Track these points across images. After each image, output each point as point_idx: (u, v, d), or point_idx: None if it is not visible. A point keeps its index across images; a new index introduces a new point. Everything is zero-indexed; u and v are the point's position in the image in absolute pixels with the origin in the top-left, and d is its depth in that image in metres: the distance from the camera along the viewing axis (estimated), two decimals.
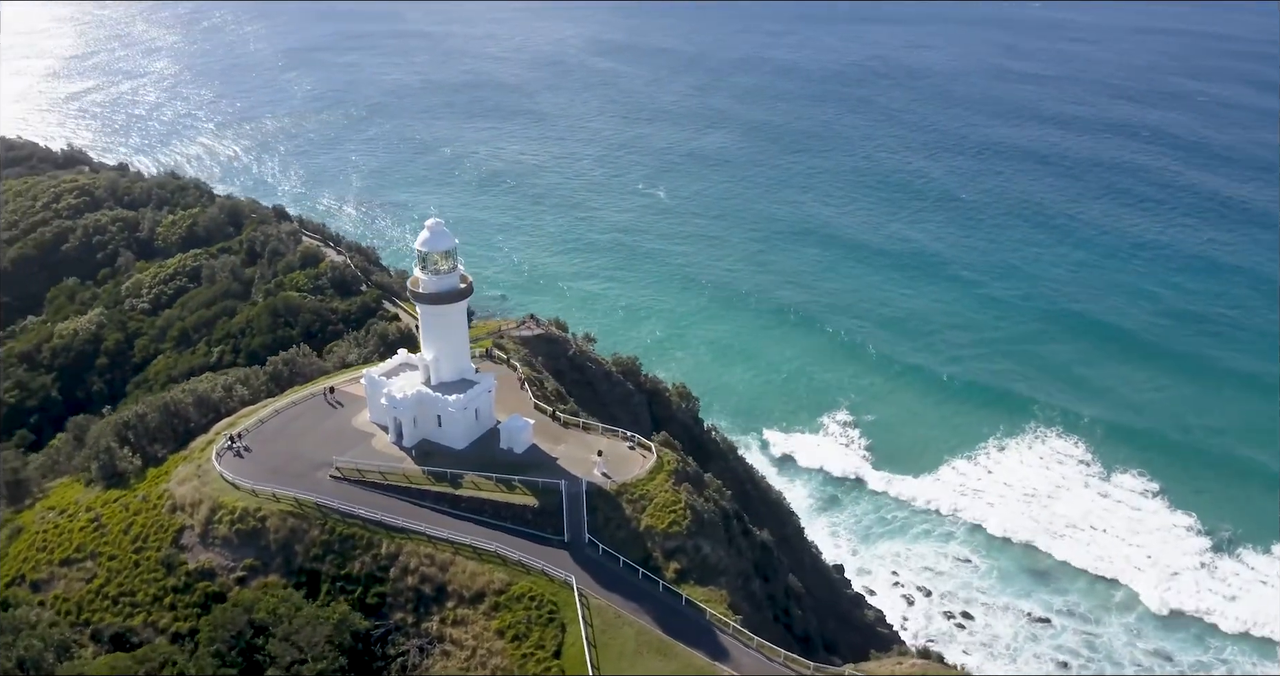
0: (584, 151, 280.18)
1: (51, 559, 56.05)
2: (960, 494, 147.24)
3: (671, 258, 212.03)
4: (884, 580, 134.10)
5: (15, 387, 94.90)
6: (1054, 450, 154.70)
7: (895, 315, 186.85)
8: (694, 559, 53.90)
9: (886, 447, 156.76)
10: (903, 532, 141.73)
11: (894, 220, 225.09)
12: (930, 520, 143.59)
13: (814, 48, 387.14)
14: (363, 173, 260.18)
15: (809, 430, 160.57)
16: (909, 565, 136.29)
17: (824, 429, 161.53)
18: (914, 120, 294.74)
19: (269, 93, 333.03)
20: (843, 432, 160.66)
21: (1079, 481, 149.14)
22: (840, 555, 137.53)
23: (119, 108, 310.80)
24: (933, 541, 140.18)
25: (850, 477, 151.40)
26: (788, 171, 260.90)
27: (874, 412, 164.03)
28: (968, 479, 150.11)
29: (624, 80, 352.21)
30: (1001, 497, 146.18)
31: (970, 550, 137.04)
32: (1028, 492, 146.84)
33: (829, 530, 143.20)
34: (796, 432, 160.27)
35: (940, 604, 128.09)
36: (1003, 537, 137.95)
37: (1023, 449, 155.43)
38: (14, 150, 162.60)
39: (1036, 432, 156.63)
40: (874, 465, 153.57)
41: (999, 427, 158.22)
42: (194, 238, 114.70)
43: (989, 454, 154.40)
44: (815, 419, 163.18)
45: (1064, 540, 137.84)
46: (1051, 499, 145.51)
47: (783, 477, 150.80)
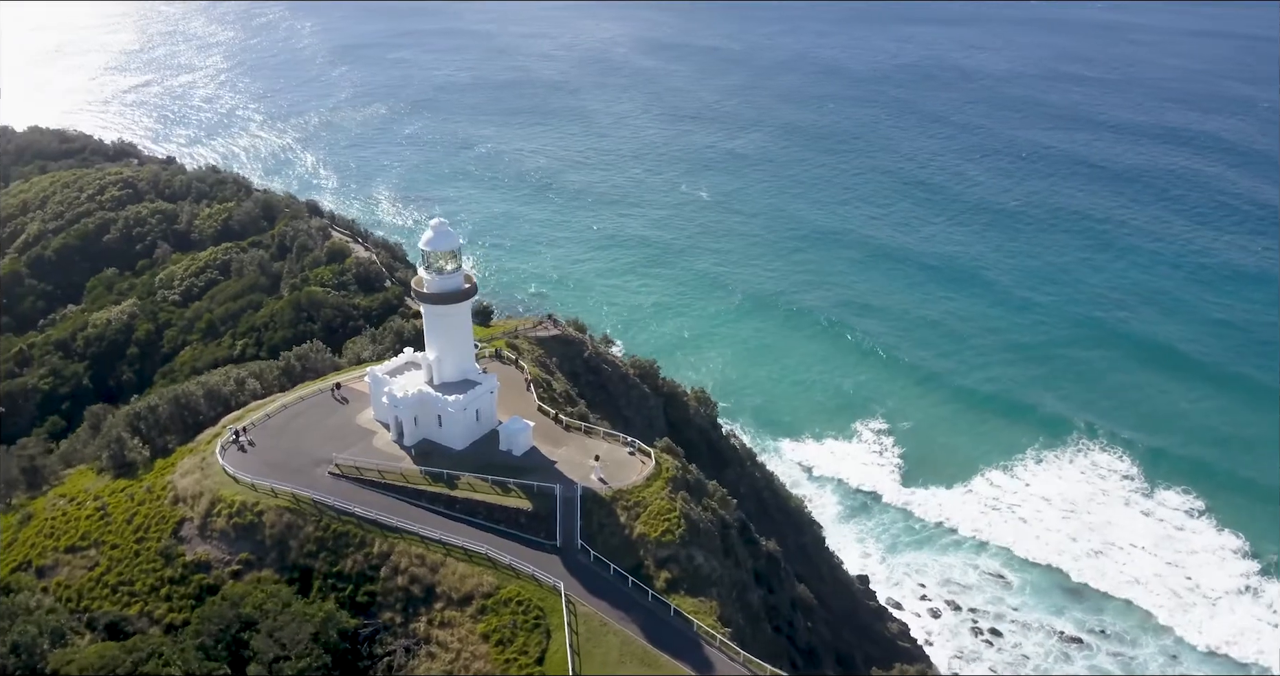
0: (627, 149, 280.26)
1: (58, 546, 57.19)
2: (993, 507, 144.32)
3: (708, 257, 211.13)
4: (911, 592, 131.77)
5: (50, 375, 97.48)
6: (1095, 464, 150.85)
7: (932, 322, 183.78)
8: (686, 568, 53.11)
9: (919, 456, 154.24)
10: (932, 543, 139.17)
11: (933, 225, 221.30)
12: (961, 532, 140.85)
13: (861, 47, 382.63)
14: (403, 168, 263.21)
15: (841, 436, 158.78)
16: (938, 577, 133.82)
17: (856, 436, 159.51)
18: (959, 122, 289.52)
19: (317, 88, 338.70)
20: (876, 440, 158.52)
21: (1120, 497, 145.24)
22: (867, 565, 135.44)
23: (172, 101, 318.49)
24: (963, 553, 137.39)
25: (880, 486, 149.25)
26: (829, 172, 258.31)
27: (908, 420, 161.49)
28: (1002, 491, 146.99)
29: (669, 78, 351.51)
30: (1037, 512, 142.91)
31: (1002, 564, 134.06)
32: (1065, 507, 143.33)
33: (856, 538, 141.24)
34: (829, 439, 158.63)
35: (968, 619, 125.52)
36: (1037, 553, 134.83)
37: (1062, 462, 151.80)
38: (68, 143, 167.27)
39: (1077, 445, 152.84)
40: (905, 473, 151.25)
41: (1037, 439, 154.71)
42: (229, 231, 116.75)
43: (1026, 466, 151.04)
44: (848, 425, 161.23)
45: (1101, 558, 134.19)
46: (1090, 514, 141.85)
47: (811, 484, 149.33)
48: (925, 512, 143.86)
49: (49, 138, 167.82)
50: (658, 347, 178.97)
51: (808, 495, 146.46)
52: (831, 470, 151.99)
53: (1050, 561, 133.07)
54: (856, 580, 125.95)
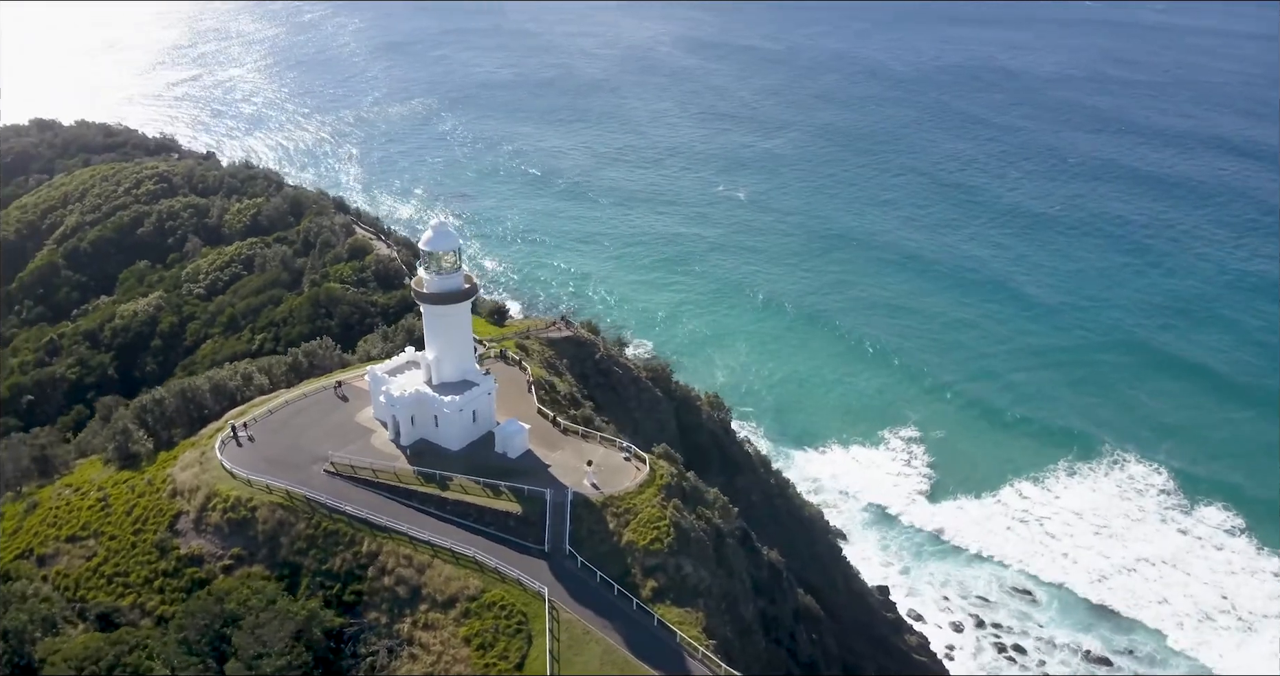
0: (665, 147, 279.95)
1: (59, 535, 58.13)
2: (1021, 520, 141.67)
3: (742, 257, 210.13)
4: (933, 604, 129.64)
5: (77, 364, 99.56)
6: (1130, 478, 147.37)
7: (965, 329, 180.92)
8: (673, 578, 52.32)
9: (948, 465, 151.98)
10: (958, 555, 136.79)
11: (970, 229, 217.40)
12: (988, 544, 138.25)
13: (903, 48, 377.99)
14: (439, 164, 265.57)
15: (869, 444, 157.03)
16: (962, 590, 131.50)
17: (884, 443, 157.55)
18: (1000, 125, 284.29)
19: (357, 84, 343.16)
20: (905, 448, 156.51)
21: (1155, 513, 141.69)
22: (889, 575, 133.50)
23: (216, 96, 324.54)
24: (989, 566, 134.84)
25: (907, 494, 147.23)
26: (866, 173, 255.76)
27: (938, 429, 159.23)
28: (1032, 503, 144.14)
29: (709, 77, 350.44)
30: (1067, 526, 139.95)
31: (1029, 578, 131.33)
32: (1097, 522, 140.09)
33: (880, 546, 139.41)
34: (855, 446, 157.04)
35: (991, 634, 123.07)
36: (1065, 568, 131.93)
37: (1096, 475, 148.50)
38: (112, 136, 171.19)
39: (1112, 458, 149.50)
40: (934, 482, 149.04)
41: (1070, 451, 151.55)
42: (257, 226, 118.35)
43: (1057, 478, 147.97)
44: (875, 432, 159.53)
45: (1133, 575, 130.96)
46: (1124, 530, 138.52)
47: (834, 491, 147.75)
48: (952, 522, 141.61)
49: (94, 131, 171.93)
50: (685, 347, 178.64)
51: (831, 502, 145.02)
52: (857, 477, 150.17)
53: (1079, 577, 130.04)
54: (875, 590, 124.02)
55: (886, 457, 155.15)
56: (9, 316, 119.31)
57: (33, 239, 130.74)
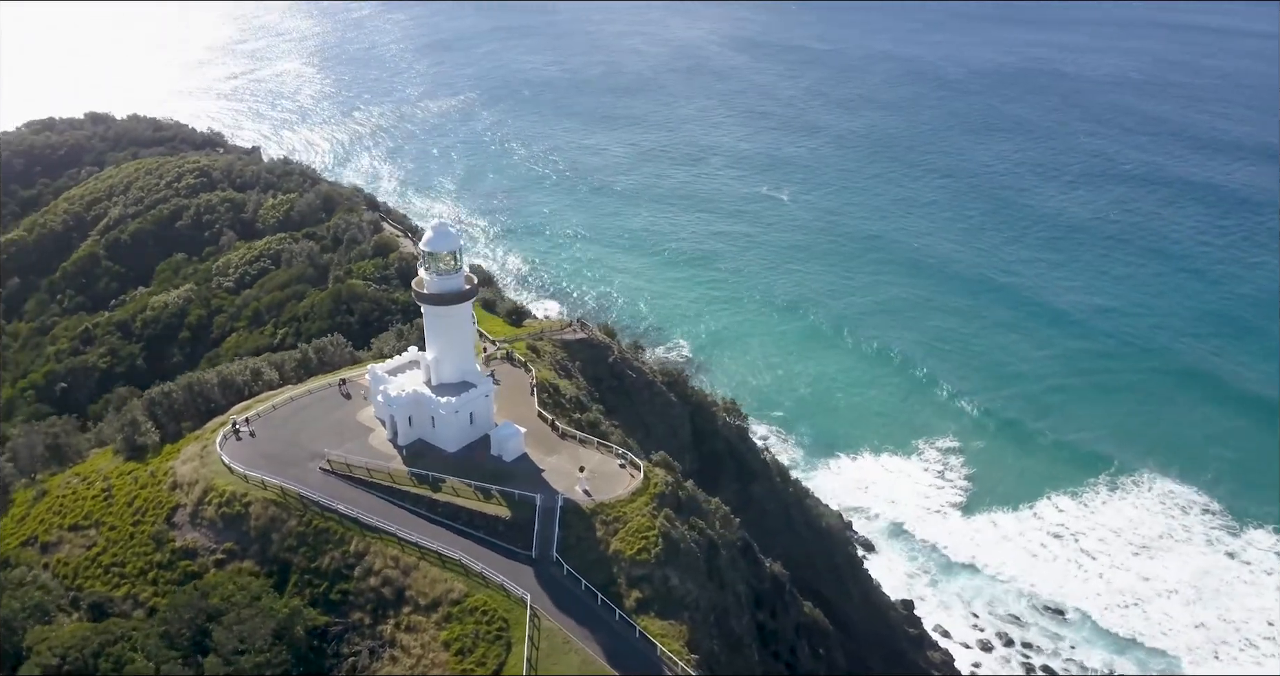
0: (709, 146, 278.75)
1: (63, 523, 59.19)
2: (1056, 535, 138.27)
3: (781, 261, 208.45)
4: (961, 620, 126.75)
5: (108, 354, 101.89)
6: (1172, 495, 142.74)
7: (1002, 340, 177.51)
8: (659, 589, 51.38)
9: (984, 476, 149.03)
10: (989, 569, 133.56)
11: (1010, 239, 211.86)
12: (1022, 559, 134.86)
13: (953, 48, 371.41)
14: (478, 160, 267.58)
15: (901, 453, 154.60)
16: (991, 606, 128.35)
17: (918, 453, 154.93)
18: (1048, 130, 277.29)
19: (403, 81, 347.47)
20: (940, 459, 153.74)
21: (1201, 534, 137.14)
22: (915, 588, 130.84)
23: (265, 91, 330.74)
24: (1022, 582, 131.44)
25: (939, 504, 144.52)
26: (911, 175, 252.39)
27: (975, 439, 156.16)
28: (1068, 518, 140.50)
29: (757, 76, 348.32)
30: (1103, 543, 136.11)
31: (1062, 597, 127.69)
32: (1137, 541, 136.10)
33: (907, 558, 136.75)
34: (886, 454, 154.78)
35: (1020, 654, 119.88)
36: (1101, 588, 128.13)
37: (1139, 490, 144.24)
38: (160, 131, 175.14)
39: (1155, 475, 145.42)
40: (969, 493, 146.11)
41: (1110, 465, 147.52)
42: (289, 221, 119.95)
43: (1096, 493, 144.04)
44: (909, 442, 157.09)
45: (1173, 598, 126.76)
46: (1165, 551, 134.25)
47: (864, 500, 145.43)
48: (985, 536, 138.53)
49: (144, 126, 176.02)
50: (718, 349, 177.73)
51: (859, 511, 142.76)
52: (888, 486, 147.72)
53: (1114, 599, 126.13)
54: (900, 605, 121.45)
55: (919, 468, 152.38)
56: (51, 305, 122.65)
57: (78, 230, 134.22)
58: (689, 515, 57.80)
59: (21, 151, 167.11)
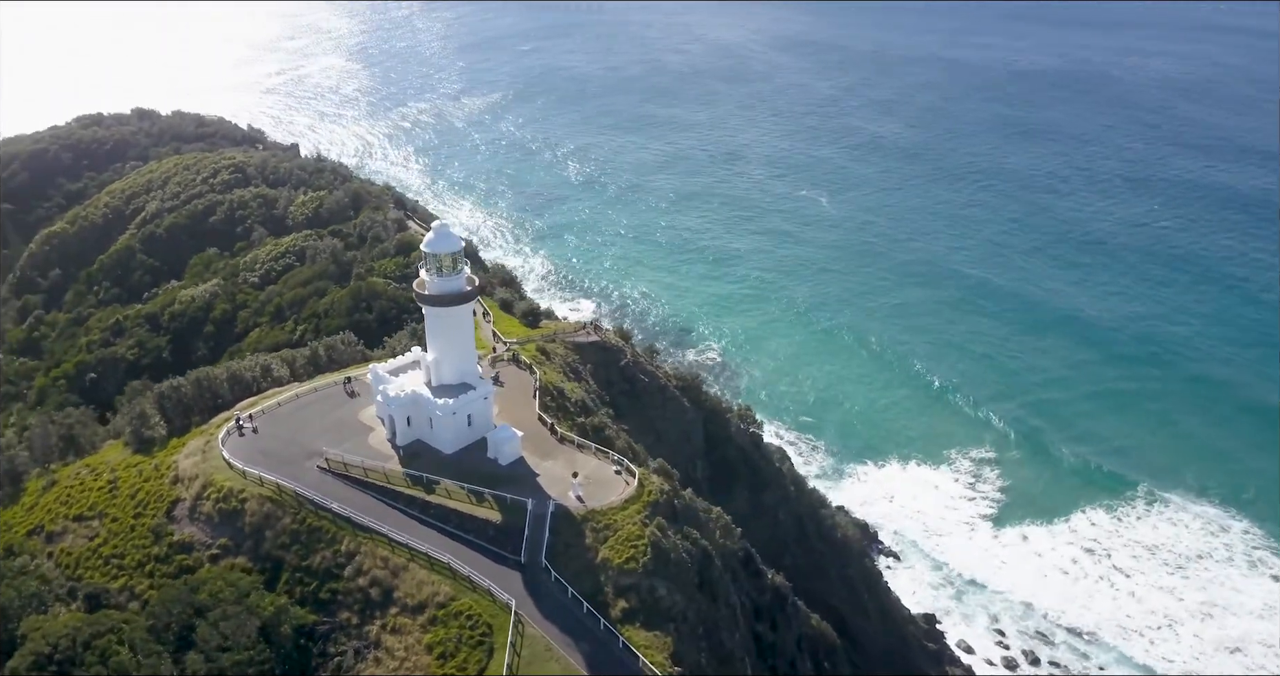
0: (749, 146, 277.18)
1: (69, 513, 60.20)
2: (1088, 550, 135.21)
3: (818, 266, 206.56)
4: (986, 636, 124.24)
5: (136, 346, 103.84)
6: (1212, 511, 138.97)
7: (1041, 353, 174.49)
8: (646, 599, 50.66)
9: (1016, 489, 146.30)
10: (1018, 584, 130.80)
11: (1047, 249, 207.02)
12: (1052, 574, 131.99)
13: (1004, 50, 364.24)
14: (513, 158, 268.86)
15: (931, 463, 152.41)
16: (1019, 622, 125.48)
17: (949, 463, 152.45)
18: (1091, 136, 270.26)
19: (444, 78, 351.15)
20: (972, 469, 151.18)
21: (1242, 553, 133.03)
22: (939, 601, 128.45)
23: (308, 88, 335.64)
24: (1051, 599, 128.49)
25: (968, 515, 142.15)
26: (952, 179, 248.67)
27: (1010, 450, 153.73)
28: (1101, 533, 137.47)
29: (800, 77, 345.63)
30: (1136, 559, 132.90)
31: (1093, 615, 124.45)
32: (1173, 559, 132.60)
33: (932, 569, 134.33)
34: (915, 463, 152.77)
35: (1048, 673, 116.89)
36: (1132, 607, 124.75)
37: (1176, 506, 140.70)
38: (203, 126, 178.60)
39: (1194, 488, 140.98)
40: (999, 506, 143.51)
41: (1148, 478, 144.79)
42: (318, 218, 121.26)
43: (1133, 506, 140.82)
44: (940, 451, 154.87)
45: (1208, 621, 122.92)
46: (1203, 570, 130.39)
47: (889, 509, 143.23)
48: (1015, 549, 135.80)
49: (188, 122, 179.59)
50: (749, 354, 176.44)
51: (886, 520, 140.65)
52: (914, 496, 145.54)
53: (1148, 619, 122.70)
54: (921, 619, 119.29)
55: (949, 478, 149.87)
56: (88, 296, 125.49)
57: (117, 223, 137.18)
58: (684, 524, 56.97)
59: (70, 145, 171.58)
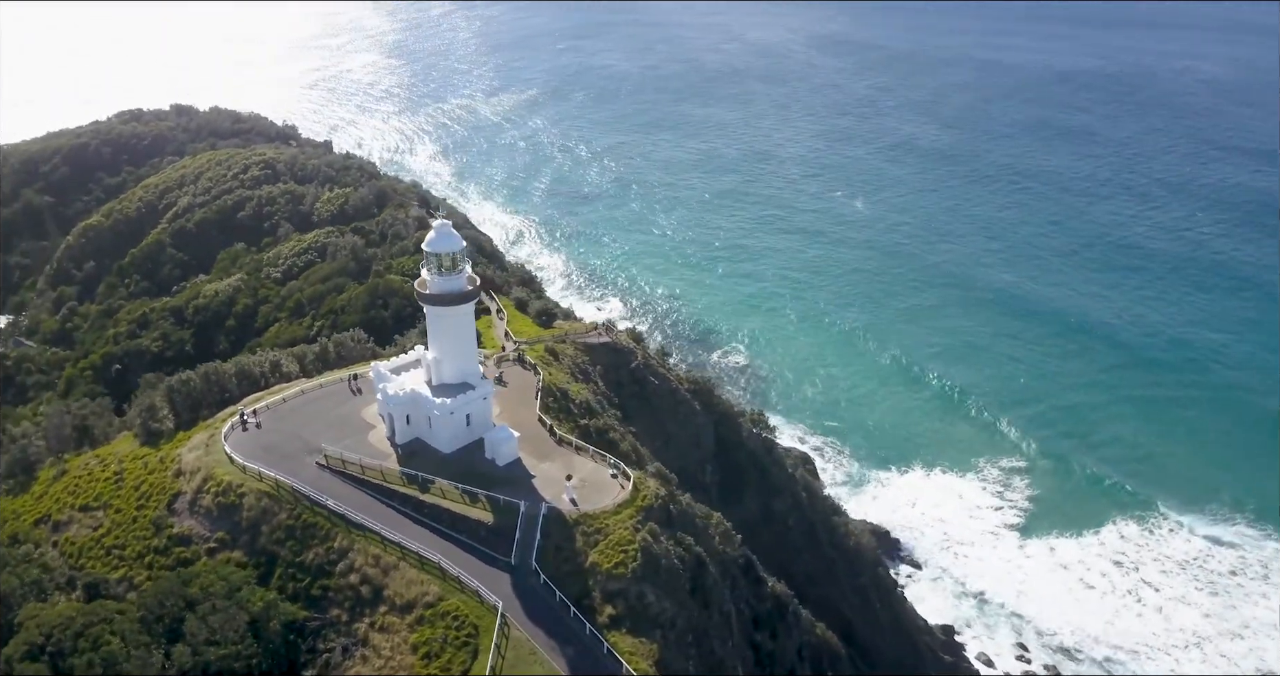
0: (786, 146, 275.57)
1: (75, 503, 61.17)
2: (1117, 563, 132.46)
3: (848, 271, 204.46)
4: (1007, 650, 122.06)
5: (160, 338, 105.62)
6: (1248, 527, 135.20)
7: (1075, 363, 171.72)
8: (633, 605, 50.19)
9: (1045, 499, 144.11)
10: (1042, 597, 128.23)
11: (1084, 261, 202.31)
12: (1077, 588, 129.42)
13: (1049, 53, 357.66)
14: (544, 155, 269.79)
15: (958, 470, 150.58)
16: (1042, 637, 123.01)
17: (976, 471, 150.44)
18: (1131, 141, 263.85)
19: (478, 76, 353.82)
20: (1002, 478, 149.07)
21: (1279, 571, 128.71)
22: (959, 612, 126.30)
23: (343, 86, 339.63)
24: (1078, 612, 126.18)
25: (995, 526, 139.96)
26: (991, 185, 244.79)
27: (1036, 459, 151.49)
28: (1131, 546, 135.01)
29: (838, 76, 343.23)
30: (1165, 574, 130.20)
31: (1119, 631, 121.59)
32: (1204, 576, 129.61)
33: (954, 579, 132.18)
34: (941, 471, 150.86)
35: None
36: (1160, 625, 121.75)
37: (1211, 522, 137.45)
38: (240, 123, 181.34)
39: (1230, 502, 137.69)
40: (1027, 515, 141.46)
41: (1183, 490, 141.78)
42: (343, 215, 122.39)
43: (1165, 519, 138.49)
44: (968, 459, 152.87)
45: (1238, 642, 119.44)
46: (1235, 587, 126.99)
47: (912, 517, 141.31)
48: (1040, 560, 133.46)
49: (225, 118, 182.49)
50: (779, 358, 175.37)
51: (907, 527, 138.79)
52: (937, 504, 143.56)
53: (1175, 637, 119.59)
54: (939, 629, 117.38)
55: (976, 486, 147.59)
56: (119, 289, 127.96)
57: (150, 217, 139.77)
58: (678, 530, 56.39)
59: (110, 140, 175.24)
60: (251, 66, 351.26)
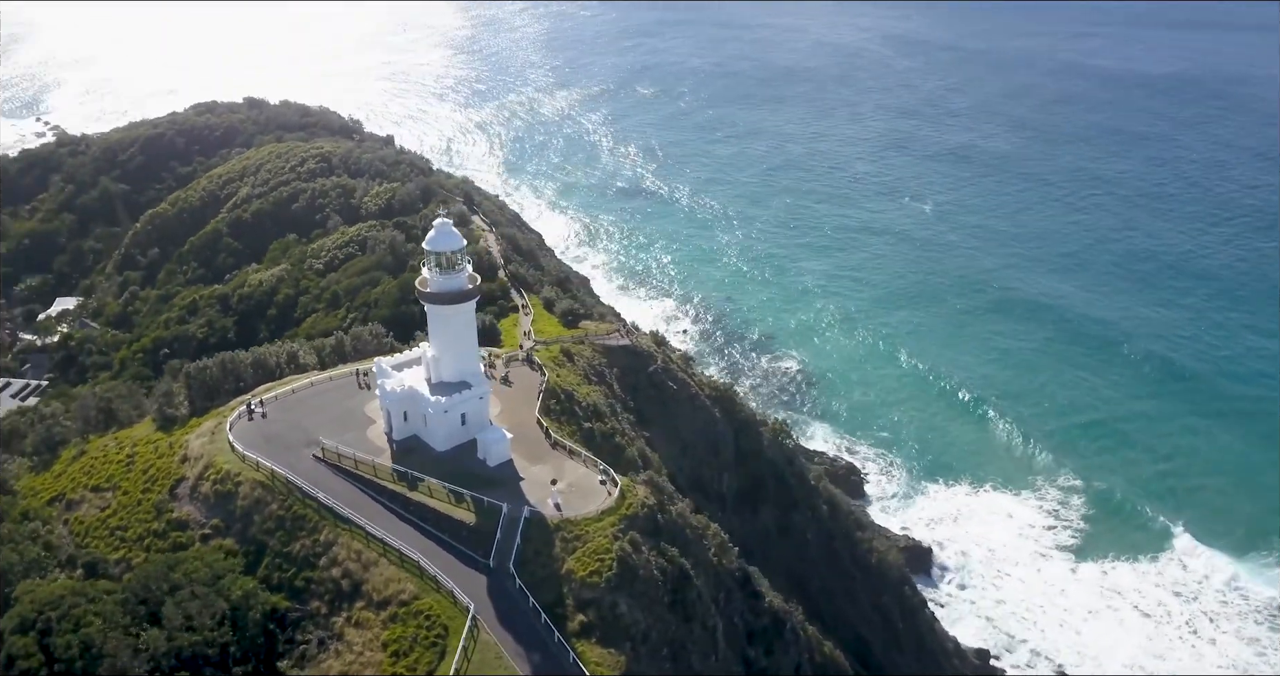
0: (857, 149, 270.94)
1: (89, 483, 63.21)
2: (1176, 593, 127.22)
3: (910, 278, 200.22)
4: None
5: (206, 325, 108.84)
6: None
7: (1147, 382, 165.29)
8: (605, 616, 49.40)
9: (1102, 519, 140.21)
10: (1090, 624, 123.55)
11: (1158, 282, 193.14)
12: (1130, 616, 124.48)
13: (1138, 57, 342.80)
14: (605, 151, 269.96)
15: (1011, 488, 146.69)
16: (1083, 666, 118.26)
17: (1031, 488, 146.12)
18: (1234, 163, 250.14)
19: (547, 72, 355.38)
20: (1059, 496, 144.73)
21: None
22: (997, 636, 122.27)
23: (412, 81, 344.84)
24: (1130, 644, 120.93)
25: (1045, 547, 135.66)
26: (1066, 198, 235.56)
27: (1096, 479, 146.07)
28: (1192, 577, 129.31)
29: (913, 77, 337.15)
30: (1225, 605, 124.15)
31: (1169, 665, 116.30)
32: (1268, 608, 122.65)
33: (995, 602, 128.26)
34: (989, 487, 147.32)
35: None
36: (1217, 657, 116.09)
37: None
38: (307, 116, 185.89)
39: None
40: (1083, 536, 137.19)
41: (1254, 519, 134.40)
42: (389, 209, 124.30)
43: (1227, 549, 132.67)
44: (1024, 477, 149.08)
45: None
46: None
47: (953, 532, 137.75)
48: (1091, 584, 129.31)
49: (293, 111, 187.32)
50: (831, 362, 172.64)
51: (948, 543, 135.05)
52: (983, 521, 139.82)
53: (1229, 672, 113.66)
54: (973, 653, 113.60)
55: (1026, 505, 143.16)
56: (177, 275, 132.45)
57: (212, 206, 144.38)
58: (664, 540, 55.33)
59: (184, 131, 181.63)
60: (327, 61, 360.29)
